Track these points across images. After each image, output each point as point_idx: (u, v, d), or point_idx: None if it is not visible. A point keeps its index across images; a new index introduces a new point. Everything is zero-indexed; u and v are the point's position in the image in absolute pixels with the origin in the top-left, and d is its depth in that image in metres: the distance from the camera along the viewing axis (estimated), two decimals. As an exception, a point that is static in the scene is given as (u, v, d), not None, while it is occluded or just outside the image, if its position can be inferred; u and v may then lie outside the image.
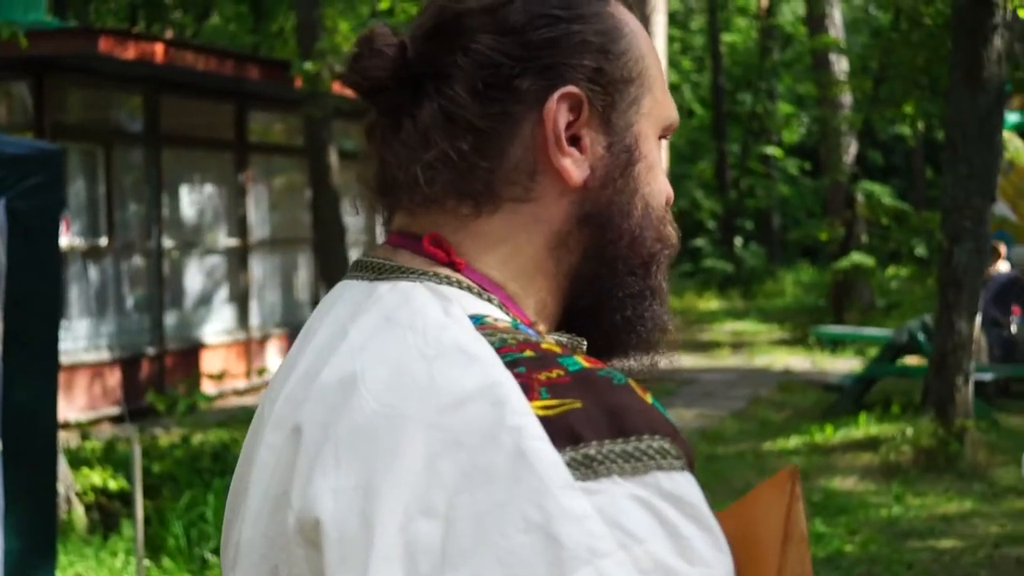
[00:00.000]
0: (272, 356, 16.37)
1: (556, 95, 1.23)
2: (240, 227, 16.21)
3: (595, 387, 1.09)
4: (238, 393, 15.33)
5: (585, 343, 1.30)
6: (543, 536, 1.01)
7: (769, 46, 31.09)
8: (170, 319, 14.87)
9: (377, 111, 1.29)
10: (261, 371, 15.78)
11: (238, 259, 16.17)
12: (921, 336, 12.92)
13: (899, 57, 16.55)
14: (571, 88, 1.23)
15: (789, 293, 28.09)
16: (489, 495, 1.04)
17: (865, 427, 11.93)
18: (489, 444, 1.05)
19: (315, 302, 17.46)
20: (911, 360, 14.01)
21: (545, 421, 1.06)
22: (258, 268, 16.64)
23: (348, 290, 1.27)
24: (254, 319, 16.30)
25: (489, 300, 1.22)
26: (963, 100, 10.50)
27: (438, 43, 1.25)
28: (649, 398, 1.11)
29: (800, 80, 31.20)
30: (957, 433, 10.40)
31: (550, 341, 1.19)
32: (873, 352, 15.96)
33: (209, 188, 15.90)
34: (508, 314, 1.22)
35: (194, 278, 15.54)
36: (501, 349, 1.13)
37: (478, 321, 1.17)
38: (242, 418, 12.88)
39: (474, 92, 1.22)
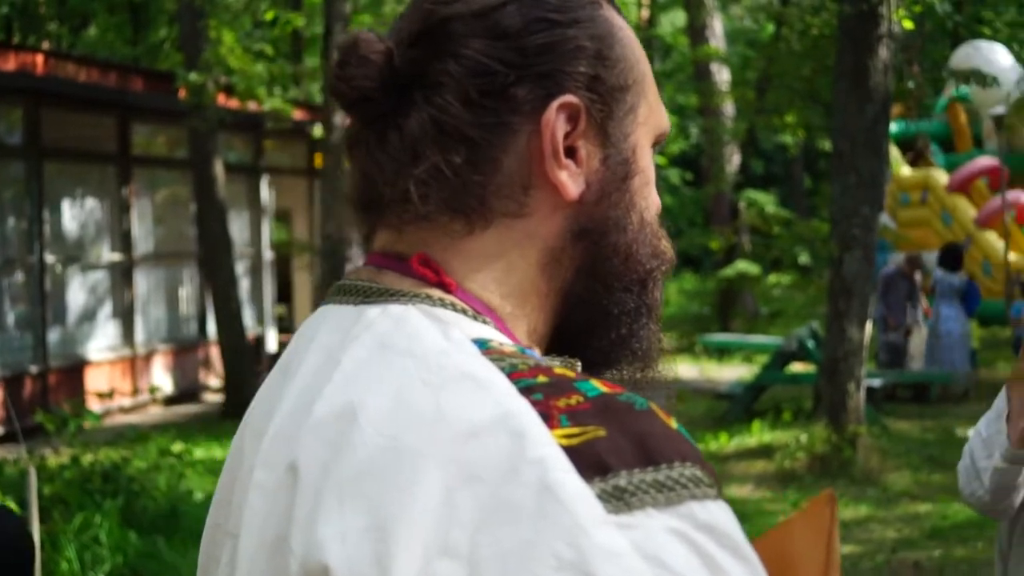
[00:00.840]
0: (158, 373, 16.07)
1: (555, 104, 1.16)
2: (124, 241, 15.91)
3: (618, 413, 1.03)
4: (124, 411, 15.02)
5: (579, 364, 1.23)
6: None
7: (650, 56, 31.30)
8: (53, 336, 14.53)
9: (360, 122, 1.21)
10: (152, 389, 15.45)
11: (122, 274, 15.86)
12: (810, 343, 13.07)
13: (782, 67, 16.75)
14: (570, 97, 1.17)
15: (673, 302, 28.32)
16: (515, 532, 0.97)
17: (759, 435, 12.03)
18: (510, 478, 0.98)
19: (202, 317, 17.22)
20: (798, 367, 14.17)
21: (569, 451, 0.99)
22: (143, 283, 16.33)
23: (332, 316, 1.19)
24: (139, 335, 15.99)
25: (485, 323, 1.15)
26: (850, 110, 10.64)
27: (426, 49, 1.17)
28: (673, 423, 1.05)
29: (682, 90, 31.48)
30: (850, 439, 10.53)
31: (558, 365, 1.12)
32: (759, 360, 16.15)
33: (92, 202, 15.57)
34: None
35: (77, 294, 15.20)
36: (513, 375, 1.06)
37: (483, 345, 1.10)
38: (131, 437, 12.60)
39: (467, 101, 1.15)
